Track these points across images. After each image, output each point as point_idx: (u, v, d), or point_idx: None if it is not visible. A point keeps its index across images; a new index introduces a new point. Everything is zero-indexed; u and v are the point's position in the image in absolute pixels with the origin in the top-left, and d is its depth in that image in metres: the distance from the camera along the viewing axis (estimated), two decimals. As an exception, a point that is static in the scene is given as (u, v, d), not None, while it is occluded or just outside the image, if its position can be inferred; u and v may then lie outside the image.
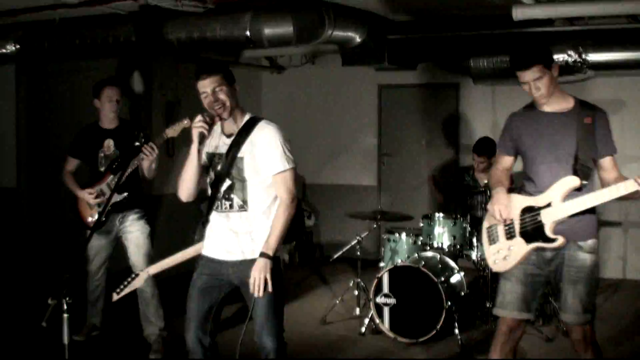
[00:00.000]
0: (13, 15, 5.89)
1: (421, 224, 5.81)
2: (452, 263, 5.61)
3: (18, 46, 6.41)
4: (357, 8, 5.93)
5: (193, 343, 3.45)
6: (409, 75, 7.93)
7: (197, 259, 3.56)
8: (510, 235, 3.50)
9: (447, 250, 5.64)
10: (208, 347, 3.47)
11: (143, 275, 3.73)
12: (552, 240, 3.37)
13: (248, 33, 5.40)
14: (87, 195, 4.90)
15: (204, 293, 3.45)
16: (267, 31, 5.37)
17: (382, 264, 5.81)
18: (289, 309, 3.72)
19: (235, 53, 7.51)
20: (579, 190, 3.34)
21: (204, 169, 3.49)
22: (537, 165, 3.48)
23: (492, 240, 3.59)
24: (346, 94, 8.59)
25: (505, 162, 3.69)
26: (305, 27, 5.42)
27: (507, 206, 3.47)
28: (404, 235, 5.80)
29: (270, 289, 3.31)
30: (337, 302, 5.99)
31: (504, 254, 3.52)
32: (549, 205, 3.38)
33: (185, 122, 4.50)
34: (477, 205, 6.11)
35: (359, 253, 5.94)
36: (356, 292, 5.95)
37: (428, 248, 5.69)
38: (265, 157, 3.37)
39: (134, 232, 4.93)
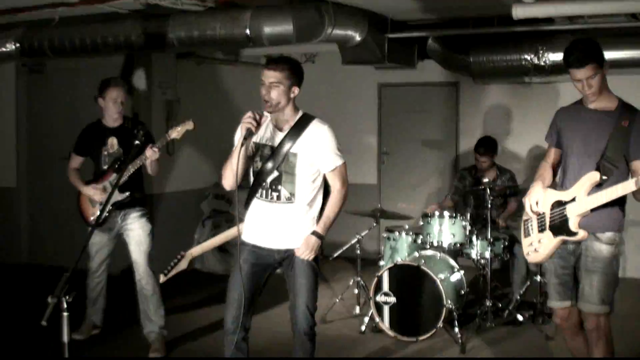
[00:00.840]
0: (13, 14, 5.88)
1: (421, 223, 5.80)
2: (452, 261, 5.61)
3: (18, 45, 6.40)
4: (357, 7, 5.93)
5: (233, 324, 3.60)
6: (409, 73, 7.92)
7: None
8: (541, 228, 3.65)
9: (447, 248, 5.64)
10: (246, 330, 3.65)
11: (188, 256, 3.90)
12: (575, 234, 3.50)
13: (248, 32, 5.41)
14: (91, 191, 4.91)
15: (249, 278, 3.60)
16: (267, 30, 5.37)
17: (382, 263, 5.82)
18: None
19: (235, 51, 7.51)
20: (600, 185, 3.43)
21: (248, 158, 3.62)
22: (569, 157, 3.61)
23: (527, 232, 3.76)
24: (346, 93, 8.57)
25: (551, 154, 3.80)
26: (305, 26, 5.43)
27: (539, 200, 3.60)
28: (403, 233, 5.81)
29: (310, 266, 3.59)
30: (337, 300, 5.99)
31: (535, 246, 3.68)
32: (573, 199, 3.49)
33: (189, 124, 4.54)
34: (481, 204, 6.09)
35: (358, 252, 5.93)
36: (356, 291, 5.95)
37: (428, 246, 5.68)
38: (323, 155, 3.59)
39: (136, 230, 4.93)
